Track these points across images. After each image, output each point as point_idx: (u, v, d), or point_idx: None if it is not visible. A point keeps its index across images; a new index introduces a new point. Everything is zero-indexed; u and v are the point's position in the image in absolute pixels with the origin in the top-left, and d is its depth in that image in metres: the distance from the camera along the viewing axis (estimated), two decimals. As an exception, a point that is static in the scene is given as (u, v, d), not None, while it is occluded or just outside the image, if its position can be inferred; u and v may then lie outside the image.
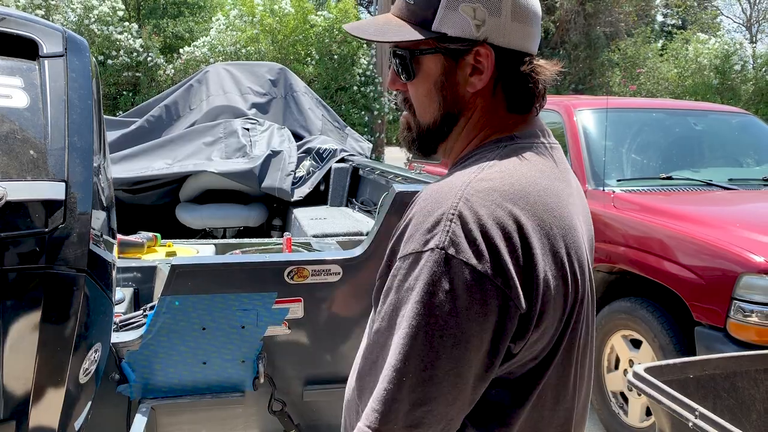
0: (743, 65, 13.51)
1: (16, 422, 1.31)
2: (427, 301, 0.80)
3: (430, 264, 0.81)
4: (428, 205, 0.86)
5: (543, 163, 0.95)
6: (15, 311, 1.24)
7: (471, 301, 0.80)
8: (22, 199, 1.22)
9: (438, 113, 0.99)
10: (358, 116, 11.93)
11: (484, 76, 0.95)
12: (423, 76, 0.98)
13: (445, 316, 0.80)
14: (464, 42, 0.94)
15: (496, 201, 0.84)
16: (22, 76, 1.31)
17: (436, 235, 0.82)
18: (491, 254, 0.81)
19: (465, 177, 0.88)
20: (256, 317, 2.01)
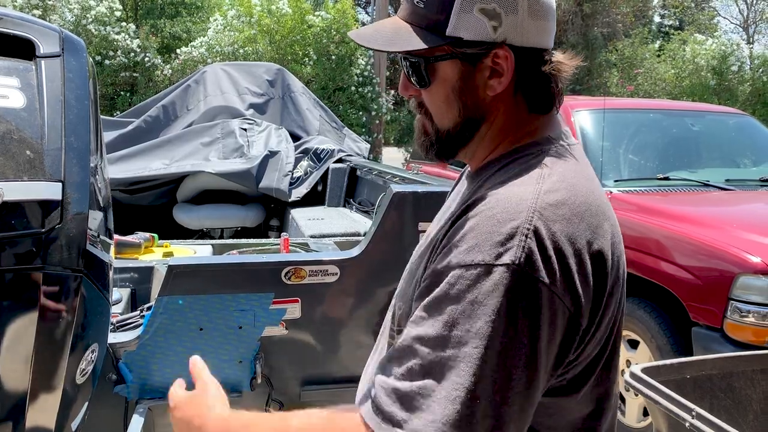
0: (740, 66, 13.53)
1: (13, 423, 1.31)
2: (501, 319, 0.76)
3: (505, 280, 0.77)
4: (498, 214, 0.81)
5: (584, 167, 0.94)
6: (11, 312, 1.24)
7: (542, 320, 0.78)
8: (18, 200, 1.21)
9: (458, 118, 0.95)
10: (355, 116, 11.92)
11: (504, 79, 0.91)
12: (440, 83, 0.94)
13: (520, 336, 0.76)
14: (482, 45, 0.90)
15: (566, 216, 0.82)
16: (18, 76, 1.31)
17: (510, 250, 0.78)
18: (563, 273, 0.79)
19: (531, 188, 0.84)
20: (254, 318, 2.01)
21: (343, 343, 2.17)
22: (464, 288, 0.78)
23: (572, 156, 0.94)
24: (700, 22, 22.85)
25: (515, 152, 0.94)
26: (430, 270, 0.86)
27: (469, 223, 0.83)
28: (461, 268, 0.80)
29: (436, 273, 0.83)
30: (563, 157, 0.92)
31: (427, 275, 0.86)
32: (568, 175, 0.89)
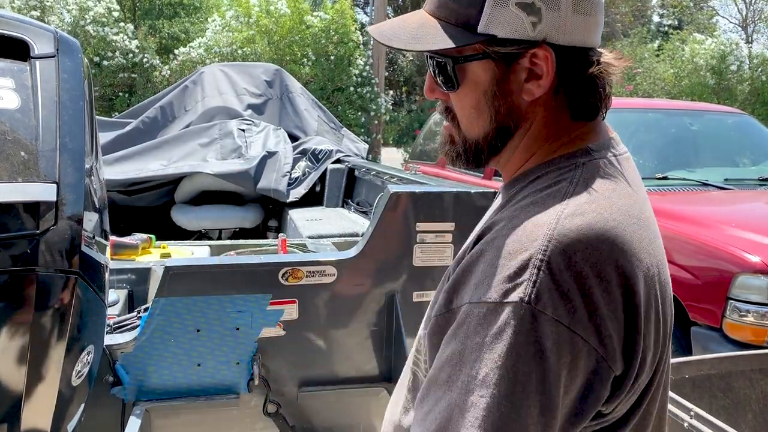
0: (739, 65, 13.53)
1: (8, 425, 1.30)
2: (510, 365, 0.68)
3: (513, 321, 0.68)
4: (510, 243, 0.72)
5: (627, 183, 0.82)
6: (6, 313, 1.23)
7: (560, 364, 0.69)
8: (12, 201, 1.21)
9: (489, 126, 0.85)
10: (354, 117, 11.92)
11: (543, 82, 0.80)
12: (469, 86, 0.84)
13: (533, 382, 0.68)
14: (518, 44, 0.79)
15: (591, 242, 0.72)
16: (13, 77, 1.30)
17: (520, 286, 0.69)
18: (587, 309, 0.69)
19: (551, 211, 0.74)
20: (251, 319, 2.01)
21: (340, 343, 2.17)
22: (472, 329, 0.71)
23: (614, 168, 0.82)
24: (699, 22, 22.87)
25: (547, 165, 0.84)
26: (441, 302, 0.79)
27: (481, 254, 0.75)
28: (470, 305, 0.73)
29: (449, 310, 0.77)
30: (601, 170, 0.81)
31: (438, 307, 0.79)
32: (601, 192, 0.78)
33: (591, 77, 0.82)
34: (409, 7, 24.67)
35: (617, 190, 0.80)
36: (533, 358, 0.68)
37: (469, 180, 5.13)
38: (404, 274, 2.17)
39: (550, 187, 0.79)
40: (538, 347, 0.68)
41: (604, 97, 0.84)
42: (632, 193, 0.81)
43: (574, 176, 0.80)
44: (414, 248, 2.15)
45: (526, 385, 0.68)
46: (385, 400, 2.21)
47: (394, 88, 23.92)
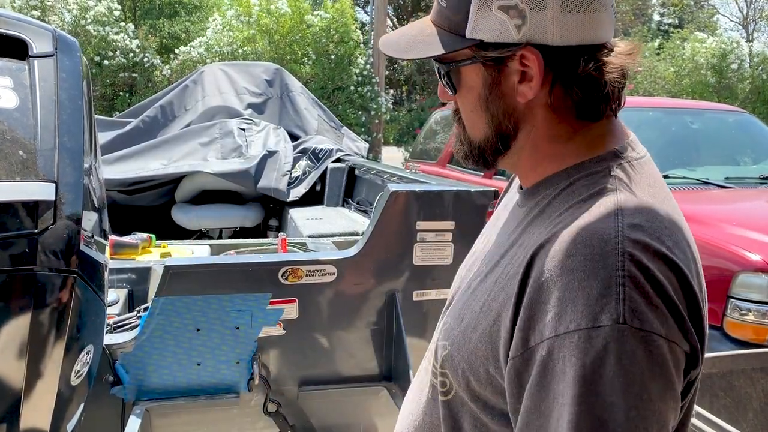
0: (740, 64, 13.52)
1: (7, 424, 1.30)
2: (623, 392, 0.65)
3: (612, 344, 0.65)
4: (581, 263, 0.70)
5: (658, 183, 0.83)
6: (4, 313, 1.23)
7: (670, 376, 0.68)
8: (11, 200, 1.21)
9: (489, 130, 0.86)
10: (355, 116, 11.92)
11: (533, 84, 0.80)
12: (466, 90, 0.85)
13: (649, 403, 0.66)
14: (504, 47, 0.79)
15: (658, 252, 0.71)
16: (11, 76, 1.30)
17: (608, 306, 0.66)
18: (674, 316, 0.69)
19: (610, 224, 0.72)
20: (251, 318, 2.01)
21: (341, 343, 2.17)
22: (568, 362, 0.67)
23: (644, 171, 0.82)
24: (700, 20, 22.84)
25: (577, 170, 0.82)
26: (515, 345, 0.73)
27: (550, 280, 0.71)
28: (557, 338, 0.68)
29: (527, 349, 0.72)
30: (635, 175, 0.81)
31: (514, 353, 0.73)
32: (644, 200, 0.77)
33: (588, 76, 0.80)
34: (409, 6, 24.67)
35: (656, 195, 0.80)
36: (646, 378, 0.66)
37: (469, 179, 5.12)
38: (404, 273, 2.16)
39: (594, 197, 0.78)
40: (647, 365, 0.66)
41: (610, 95, 0.82)
42: (667, 196, 0.82)
43: (612, 184, 0.79)
44: (414, 247, 2.15)
45: (647, 407, 0.66)
46: (385, 399, 2.21)
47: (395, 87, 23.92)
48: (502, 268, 0.83)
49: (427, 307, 2.23)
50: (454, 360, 0.85)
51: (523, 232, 0.84)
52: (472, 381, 0.82)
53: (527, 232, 0.83)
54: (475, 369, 0.81)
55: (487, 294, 0.83)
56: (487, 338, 0.79)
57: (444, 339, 0.89)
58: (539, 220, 0.82)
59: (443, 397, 0.89)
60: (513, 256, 0.82)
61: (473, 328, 0.82)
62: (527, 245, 0.79)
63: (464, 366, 0.83)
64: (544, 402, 0.69)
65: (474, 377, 0.82)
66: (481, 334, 0.80)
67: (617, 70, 0.80)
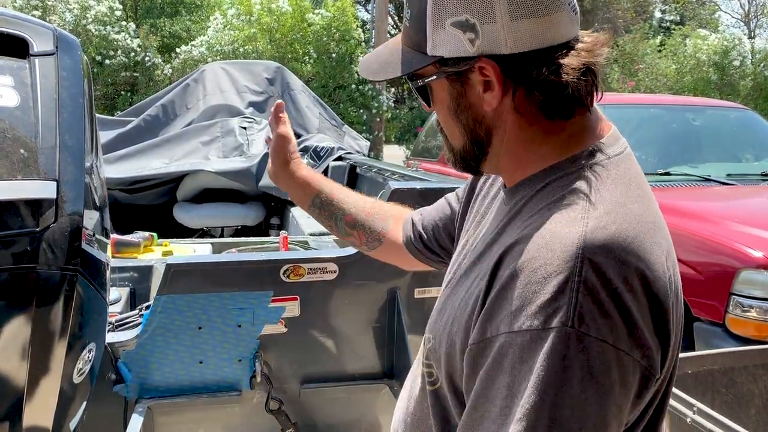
0: (742, 61, 13.50)
1: (10, 423, 1.30)
2: (562, 393, 0.68)
3: (558, 347, 0.68)
4: (541, 267, 0.72)
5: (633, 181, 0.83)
6: (7, 311, 1.23)
7: (611, 383, 0.69)
8: (12, 199, 1.21)
9: (464, 138, 0.89)
10: (356, 114, 11.93)
11: (495, 92, 0.82)
12: (438, 103, 0.89)
13: (586, 406, 0.68)
14: (462, 61, 0.82)
15: (620, 257, 0.72)
16: (12, 74, 1.30)
17: (560, 310, 0.69)
18: (626, 324, 0.70)
19: (575, 228, 0.74)
20: (253, 316, 2.01)
21: (342, 340, 2.17)
22: (517, 359, 0.70)
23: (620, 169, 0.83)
24: (701, 17, 22.80)
25: (552, 171, 0.84)
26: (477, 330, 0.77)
27: (512, 279, 0.74)
28: (510, 335, 0.72)
29: (483, 339, 0.75)
30: (609, 174, 0.81)
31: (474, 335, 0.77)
32: (616, 200, 0.78)
33: (546, 80, 0.80)
34: (410, 4, 24.60)
35: (628, 195, 0.80)
36: (586, 382, 0.68)
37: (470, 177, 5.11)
38: (405, 271, 2.16)
39: (564, 198, 0.79)
40: (588, 371, 0.68)
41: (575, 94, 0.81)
42: (642, 195, 0.82)
43: (583, 185, 0.80)
44: (415, 245, 2.14)
45: (584, 409, 0.68)
46: (387, 397, 2.21)
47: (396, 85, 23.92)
48: (481, 264, 0.86)
49: (429, 305, 2.23)
50: (436, 352, 0.88)
51: (501, 231, 0.86)
52: (451, 372, 0.85)
53: (504, 232, 0.86)
54: (454, 361, 0.84)
55: (466, 290, 0.86)
56: (463, 331, 0.81)
57: (429, 332, 0.93)
58: (515, 220, 0.84)
59: (431, 387, 0.92)
60: (489, 254, 0.85)
61: (452, 322, 0.85)
62: (503, 244, 0.81)
63: (445, 358, 0.85)
64: (490, 390, 0.73)
65: (452, 368, 0.84)
66: (458, 328, 0.83)
67: (575, 71, 0.80)
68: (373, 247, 1.37)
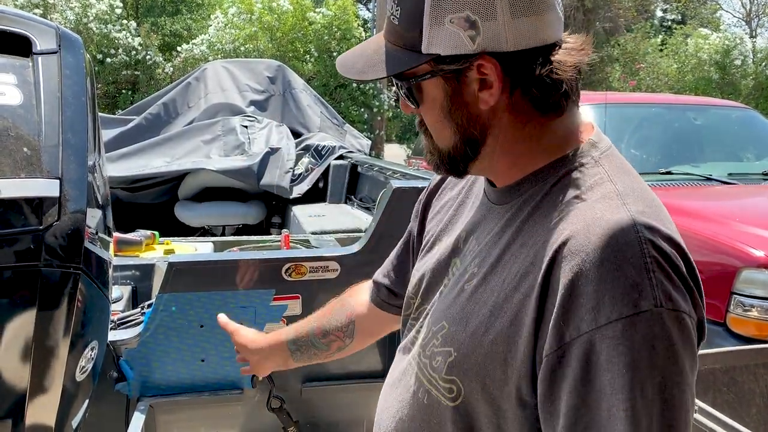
0: (743, 60, 13.48)
1: (13, 420, 1.31)
2: (668, 372, 0.69)
3: (655, 328, 0.69)
4: (608, 254, 0.72)
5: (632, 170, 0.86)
6: (9, 309, 1.23)
7: (694, 349, 0.73)
8: (15, 197, 1.21)
9: (456, 138, 0.87)
10: (357, 113, 11.92)
11: (494, 91, 0.82)
12: (428, 103, 0.86)
13: (687, 379, 0.71)
14: (461, 59, 0.81)
15: (666, 234, 0.75)
16: (15, 73, 1.31)
17: (644, 291, 0.70)
18: (689, 293, 0.74)
19: (623, 213, 0.75)
20: (255, 314, 2.01)
21: (344, 339, 2.17)
22: (612, 352, 0.69)
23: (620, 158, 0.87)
24: (703, 16, 22.78)
25: (561, 164, 0.84)
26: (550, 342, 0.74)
27: (580, 276, 0.72)
28: (597, 330, 0.70)
29: (561, 345, 0.72)
30: (616, 165, 0.84)
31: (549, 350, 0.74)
32: (635, 187, 0.81)
33: (544, 77, 0.82)
34: (411, 3, 24.58)
35: (637, 181, 0.83)
36: (684, 356, 0.71)
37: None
38: (407, 269, 2.16)
39: (592, 189, 0.80)
40: (684, 344, 0.71)
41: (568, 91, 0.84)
42: (642, 181, 0.85)
43: (604, 174, 0.82)
44: (417, 244, 2.15)
45: (687, 384, 0.71)
46: (388, 396, 2.21)
47: (397, 84, 23.83)
48: (506, 268, 0.83)
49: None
50: (463, 365, 0.84)
51: (519, 231, 0.84)
52: (487, 384, 0.82)
53: (526, 231, 0.83)
54: (491, 371, 0.81)
55: (495, 296, 0.82)
56: (504, 340, 0.79)
57: (446, 345, 0.88)
58: (538, 217, 0.83)
59: (451, 402, 0.87)
60: (518, 256, 0.82)
61: (484, 332, 0.82)
62: (536, 243, 0.80)
63: (477, 369, 0.82)
64: (590, 395, 0.71)
65: (489, 380, 0.81)
66: (496, 336, 0.80)
67: (571, 68, 0.82)
68: (351, 332, 1.31)
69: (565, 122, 0.86)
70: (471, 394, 0.84)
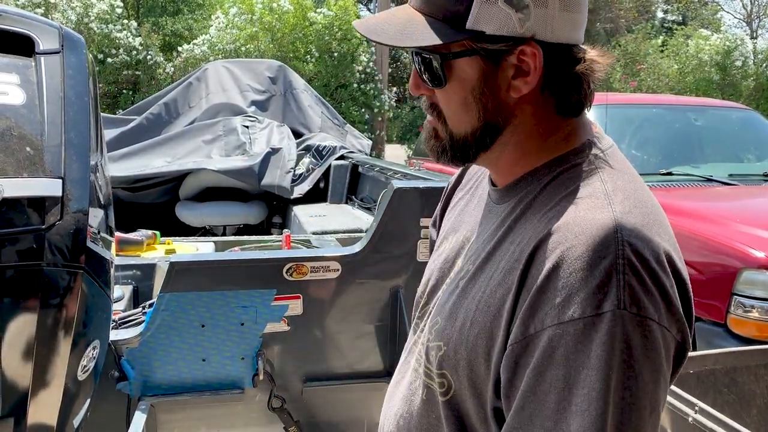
0: (744, 61, 13.48)
1: (15, 419, 1.31)
2: (624, 375, 0.68)
3: (615, 330, 0.68)
4: (583, 253, 0.71)
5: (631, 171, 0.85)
6: (12, 308, 1.24)
7: (661, 360, 0.71)
8: (18, 196, 1.21)
9: (477, 123, 0.84)
10: (358, 114, 11.93)
11: (530, 79, 0.80)
12: (457, 82, 0.83)
13: (645, 385, 0.69)
14: (506, 41, 0.79)
15: (650, 238, 0.74)
16: (18, 72, 1.31)
17: (610, 293, 0.69)
18: (665, 302, 0.72)
19: (606, 213, 0.74)
20: (256, 314, 2.01)
21: (345, 339, 2.17)
22: (572, 349, 0.69)
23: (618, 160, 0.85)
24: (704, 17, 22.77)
25: (557, 163, 0.84)
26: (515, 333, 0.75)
27: (553, 271, 0.72)
28: (559, 326, 0.70)
29: (526, 336, 0.73)
30: (614, 164, 0.83)
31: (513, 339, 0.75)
32: (627, 187, 0.80)
33: (576, 74, 0.82)
34: (412, 4, 24.58)
35: (634, 182, 0.82)
36: (643, 361, 0.69)
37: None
38: (408, 269, 2.17)
39: (582, 188, 0.80)
40: (644, 349, 0.69)
41: (588, 93, 0.84)
42: (640, 182, 0.84)
43: (596, 174, 0.81)
44: (418, 243, 2.15)
45: (644, 389, 0.69)
46: (389, 396, 2.21)
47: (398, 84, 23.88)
48: (494, 265, 0.84)
49: (431, 304, 2.23)
50: (451, 359, 0.85)
51: (510, 229, 0.85)
52: (473, 377, 0.83)
53: (517, 229, 0.84)
54: (476, 366, 0.82)
55: (482, 291, 0.83)
56: (487, 334, 0.80)
57: (438, 339, 0.89)
58: (529, 215, 0.83)
59: (443, 397, 0.88)
60: (506, 253, 0.83)
61: (470, 326, 0.83)
62: (522, 241, 0.80)
63: (464, 364, 0.83)
64: (541, 386, 0.71)
65: (475, 374, 0.82)
66: (480, 330, 0.81)
67: (602, 70, 0.83)
68: None
69: (573, 123, 0.86)
70: (460, 388, 0.85)
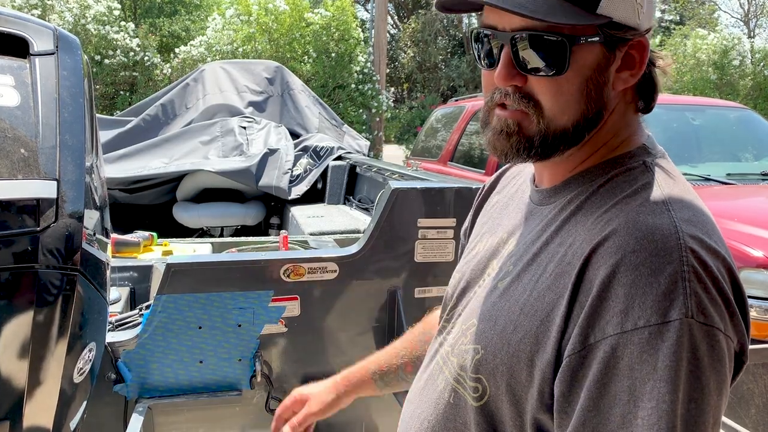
0: (741, 60, 13.51)
1: (11, 422, 1.30)
2: (688, 386, 0.66)
3: (683, 339, 0.65)
4: (647, 260, 0.68)
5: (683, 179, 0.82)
6: (7, 311, 1.23)
7: (725, 372, 0.69)
8: (13, 198, 1.21)
9: (581, 115, 0.78)
10: (356, 114, 11.93)
11: (636, 72, 0.78)
12: (575, 70, 0.76)
13: (708, 398, 0.67)
14: (630, 30, 0.76)
15: (711, 246, 0.71)
16: (12, 74, 1.30)
17: (677, 301, 0.66)
18: (729, 312, 0.69)
19: (666, 219, 0.72)
20: (253, 315, 2.01)
21: (342, 340, 2.17)
22: (636, 358, 0.66)
23: (671, 165, 0.83)
24: (701, 17, 22.81)
25: (611, 166, 0.81)
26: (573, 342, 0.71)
27: (613, 277, 0.69)
28: (623, 335, 0.67)
29: (586, 346, 0.70)
30: (668, 169, 0.81)
31: (572, 350, 0.71)
32: (684, 195, 0.77)
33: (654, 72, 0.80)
34: (410, 4, 24.63)
35: (688, 190, 0.80)
36: (710, 371, 0.67)
37: (470, 176, 5.12)
38: (406, 270, 2.16)
39: (639, 192, 0.77)
40: (711, 359, 0.67)
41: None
42: (694, 191, 0.81)
43: (653, 179, 0.78)
44: (416, 244, 2.15)
45: (709, 400, 0.67)
46: (387, 397, 2.20)
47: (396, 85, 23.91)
48: (540, 267, 0.80)
49: (429, 304, 2.23)
50: (489, 364, 0.82)
51: (559, 230, 0.81)
52: (512, 383, 0.80)
53: (566, 231, 0.80)
54: (517, 371, 0.79)
55: (528, 294, 0.80)
56: (532, 339, 0.77)
57: (475, 342, 0.85)
58: (580, 217, 0.80)
59: (476, 402, 0.84)
60: (554, 255, 0.79)
61: (513, 330, 0.79)
62: (574, 243, 0.77)
63: (503, 369, 0.80)
64: (603, 399, 0.68)
65: (515, 380, 0.79)
66: (524, 335, 0.78)
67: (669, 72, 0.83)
68: None
69: (635, 124, 0.84)
70: (496, 394, 0.82)
